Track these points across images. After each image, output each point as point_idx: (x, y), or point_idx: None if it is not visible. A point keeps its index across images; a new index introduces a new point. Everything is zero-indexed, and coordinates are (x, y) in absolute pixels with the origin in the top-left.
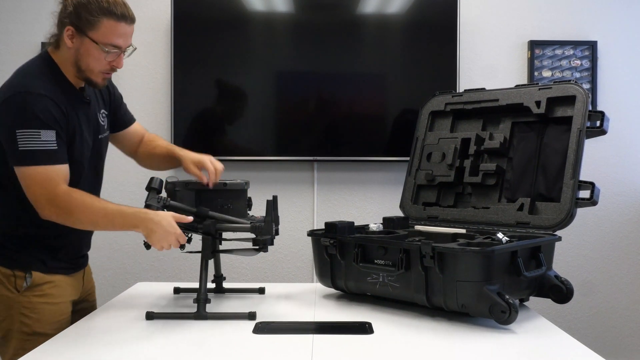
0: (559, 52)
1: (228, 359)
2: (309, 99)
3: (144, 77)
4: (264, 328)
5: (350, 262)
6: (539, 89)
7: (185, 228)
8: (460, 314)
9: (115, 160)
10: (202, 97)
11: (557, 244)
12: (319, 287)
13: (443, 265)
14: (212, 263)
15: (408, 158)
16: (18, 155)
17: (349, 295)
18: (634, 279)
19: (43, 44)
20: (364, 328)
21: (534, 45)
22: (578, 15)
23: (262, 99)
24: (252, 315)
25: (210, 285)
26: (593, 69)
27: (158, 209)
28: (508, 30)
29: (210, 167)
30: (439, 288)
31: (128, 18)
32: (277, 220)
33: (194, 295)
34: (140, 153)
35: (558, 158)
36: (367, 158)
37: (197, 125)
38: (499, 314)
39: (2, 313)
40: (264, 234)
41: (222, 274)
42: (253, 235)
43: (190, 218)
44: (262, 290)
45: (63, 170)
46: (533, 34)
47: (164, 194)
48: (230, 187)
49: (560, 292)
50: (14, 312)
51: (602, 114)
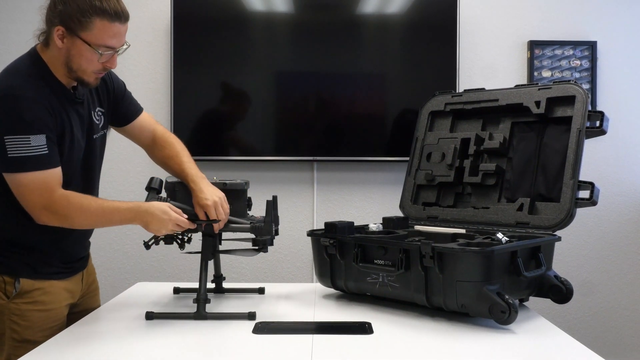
0: (559, 52)
1: (228, 359)
2: (309, 99)
3: (144, 77)
4: (264, 328)
5: (350, 262)
6: (539, 89)
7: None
8: (460, 314)
9: (115, 160)
10: (202, 97)
11: (557, 244)
12: (319, 287)
13: (443, 265)
14: (212, 263)
15: (408, 158)
16: (7, 163)
17: (349, 295)
18: (634, 279)
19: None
20: (364, 328)
21: (534, 45)
22: (578, 15)
23: (262, 99)
24: (251, 315)
25: (210, 285)
26: (593, 69)
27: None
28: (508, 30)
29: (213, 215)
30: (439, 288)
31: (122, 16)
32: (277, 221)
33: (194, 295)
34: (156, 157)
35: (558, 158)
36: (367, 158)
37: (197, 126)
38: (499, 314)
39: None
40: (264, 234)
41: (221, 274)
42: (253, 236)
43: (187, 222)
44: (261, 290)
45: (57, 174)
46: (533, 34)
47: (164, 194)
48: (230, 187)
49: (560, 292)
50: (5, 318)
51: (601, 114)
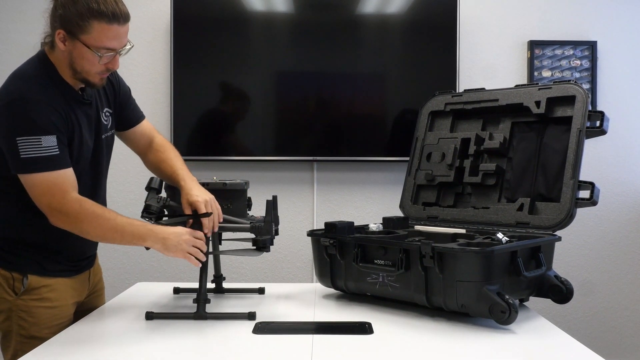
0: (559, 52)
1: (228, 359)
2: (309, 99)
3: (144, 77)
4: (264, 328)
5: (350, 262)
6: (539, 89)
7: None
8: (460, 314)
9: (115, 161)
10: (202, 97)
11: (557, 244)
12: (319, 287)
13: (443, 265)
14: (212, 263)
15: (408, 158)
16: (20, 163)
17: (349, 296)
18: (634, 279)
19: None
20: (364, 328)
21: (534, 45)
22: (578, 15)
23: (262, 99)
24: (251, 316)
25: (210, 286)
26: (593, 69)
27: (157, 209)
28: (508, 30)
29: (202, 210)
30: (439, 288)
31: (121, 17)
32: (276, 220)
33: (194, 296)
34: (149, 161)
35: (558, 158)
36: (367, 158)
37: (196, 126)
38: (499, 314)
39: (1, 315)
40: (264, 234)
41: (221, 274)
42: (253, 236)
43: (203, 236)
44: (261, 291)
45: (69, 175)
46: (533, 34)
47: (164, 194)
48: (230, 187)
49: (560, 292)
50: (13, 315)
51: (601, 114)
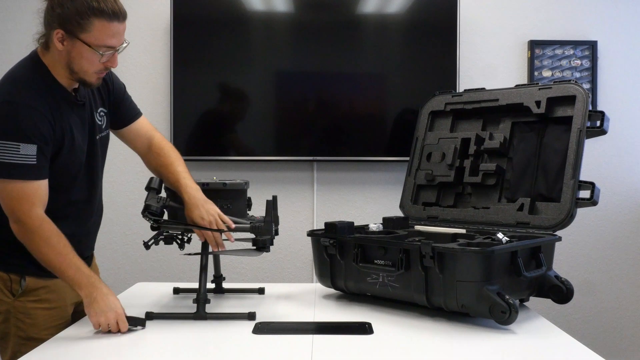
0: (559, 52)
1: (227, 359)
2: (309, 99)
3: (144, 77)
4: (264, 328)
5: (350, 262)
6: (539, 89)
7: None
8: (460, 314)
9: (115, 161)
10: (201, 97)
11: (557, 244)
12: (319, 287)
13: (443, 266)
14: (211, 263)
15: (408, 158)
16: None
17: (349, 296)
18: (634, 279)
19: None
20: (364, 328)
21: (534, 45)
22: (578, 15)
23: (262, 99)
24: (251, 316)
25: (210, 286)
26: (593, 69)
27: (157, 209)
28: (508, 30)
29: (210, 237)
30: (439, 288)
31: (120, 15)
32: (276, 221)
33: (194, 296)
34: (150, 163)
35: (558, 158)
36: (367, 158)
37: (196, 126)
38: (499, 314)
39: None
40: (264, 234)
41: (221, 274)
42: (253, 236)
43: (125, 325)
44: (261, 291)
45: (40, 188)
46: (533, 34)
47: (164, 194)
48: (230, 187)
49: (560, 292)
50: (10, 316)
51: (602, 114)
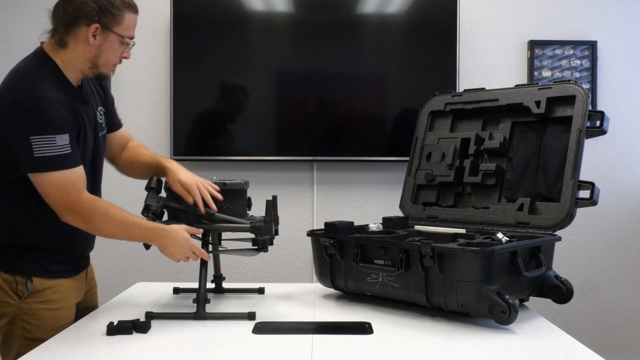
0: (559, 52)
1: (227, 359)
2: (309, 99)
3: (144, 77)
4: (264, 328)
5: (350, 262)
6: (539, 89)
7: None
8: (460, 314)
9: None
10: (201, 97)
11: (557, 244)
12: (319, 287)
13: (443, 265)
14: (211, 263)
15: (408, 158)
16: (34, 163)
17: (349, 296)
18: (634, 279)
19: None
20: (364, 328)
21: (534, 45)
22: (578, 15)
23: (262, 99)
24: (251, 316)
25: (210, 286)
26: (593, 69)
27: (157, 209)
28: (508, 30)
29: (196, 193)
30: (439, 288)
31: (137, 9)
32: (276, 220)
33: (194, 295)
34: (123, 159)
35: (558, 158)
36: (366, 158)
37: (196, 125)
38: (499, 314)
39: (3, 319)
40: (264, 234)
41: (221, 274)
42: (253, 235)
43: (204, 252)
44: (261, 291)
45: (81, 174)
46: (533, 34)
47: (164, 194)
48: (230, 187)
49: (560, 292)
50: (16, 318)
51: (602, 114)
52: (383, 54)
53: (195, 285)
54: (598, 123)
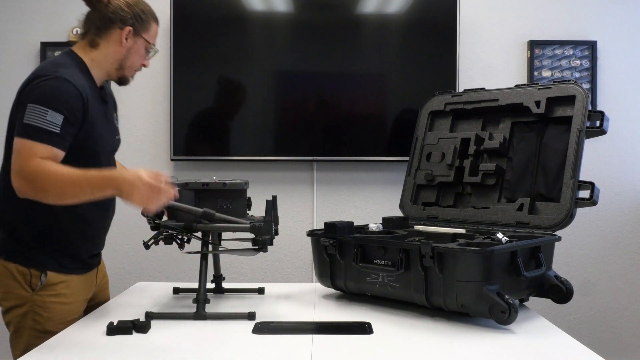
0: (559, 52)
1: (227, 359)
2: (309, 99)
3: (144, 77)
4: (264, 328)
5: (350, 262)
6: (539, 89)
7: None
8: (460, 314)
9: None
10: (201, 97)
11: (557, 244)
12: (319, 287)
13: (443, 265)
14: (211, 263)
15: (408, 158)
16: (20, 127)
17: (349, 296)
18: (634, 279)
19: (43, 44)
20: (364, 328)
21: (534, 45)
22: (578, 15)
23: (261, 99)
24: (251, 316)
25: (210, 285)
26: (593, 69)
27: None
28: (508, 30)
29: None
30: (439, 288)
31: (159, 22)
32: (276, 220)
33: (194, 295)
34: None
35: (558, 158)
36: (366, 158)
37: (196, 126)
38: (499, 314)
39: (15, 310)
40: (264, 234)
41: (221, 274)
42: (252, 235)
43: (173, 193)
44: (261, 291)
45: (54, 155)
46: (533, 34)
47: None
48: (230, 187)
49: (560, 292)
50: (28, 310)
51: (601, 114)
52: (383, 54)
53: (195, 285)
54: (598, 123)
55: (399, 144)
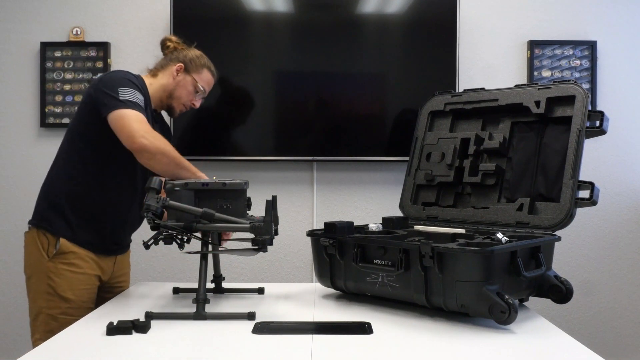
0: (559, 52)
1: (227, 359)
2: (309, 99)
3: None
4: (263, 328)
5: (350, 262)
6: (539, 89)
7: (184, 229)
8: (460, 314)
9: None
10: None
11: (557, 244)
12: (319, 287)
13: (442, 265)
14: (211, 263)
15: (408, 158)
16: (119, 103)
17: (349, 296)
18: (634, 279)
19: (43, 44)
20: (364, 328)
21: (534, 45)
22: (578, 15)
23: (261, 99)
24: (251, 316)
25: (210, 285)
26: (593, 69)
27: (157, 209)
28: (508, 30)
29: None
30: (439, 288)
31: (216, 77)
32: (276, 220)
33: (193, 295)
34: None
35: (558, 158)
36: (366, 158)
37: (196, 125)
38: (499, 314)
39: (34, 277)
40: (263, 234)
41: (221, 274)
42: (252, 235)
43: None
44: (261, 291)
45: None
46: (533, 34)
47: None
48: (230, 187)
49: (560, 292)
50: (43, 275)
51: (601, 114)
52: (383, 54)
53: (195, 285)
54: (598, 123)
55: (399, 144)
